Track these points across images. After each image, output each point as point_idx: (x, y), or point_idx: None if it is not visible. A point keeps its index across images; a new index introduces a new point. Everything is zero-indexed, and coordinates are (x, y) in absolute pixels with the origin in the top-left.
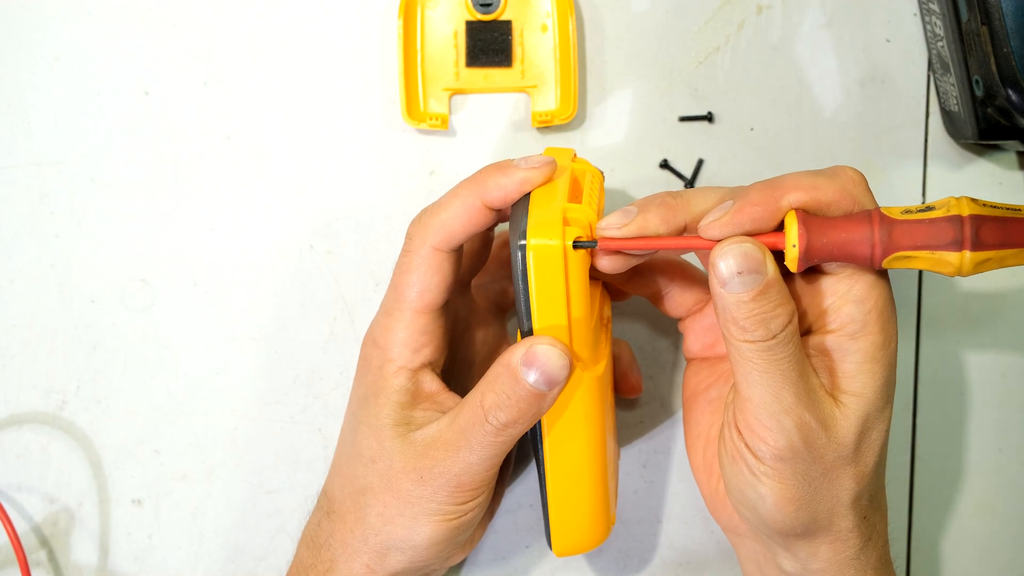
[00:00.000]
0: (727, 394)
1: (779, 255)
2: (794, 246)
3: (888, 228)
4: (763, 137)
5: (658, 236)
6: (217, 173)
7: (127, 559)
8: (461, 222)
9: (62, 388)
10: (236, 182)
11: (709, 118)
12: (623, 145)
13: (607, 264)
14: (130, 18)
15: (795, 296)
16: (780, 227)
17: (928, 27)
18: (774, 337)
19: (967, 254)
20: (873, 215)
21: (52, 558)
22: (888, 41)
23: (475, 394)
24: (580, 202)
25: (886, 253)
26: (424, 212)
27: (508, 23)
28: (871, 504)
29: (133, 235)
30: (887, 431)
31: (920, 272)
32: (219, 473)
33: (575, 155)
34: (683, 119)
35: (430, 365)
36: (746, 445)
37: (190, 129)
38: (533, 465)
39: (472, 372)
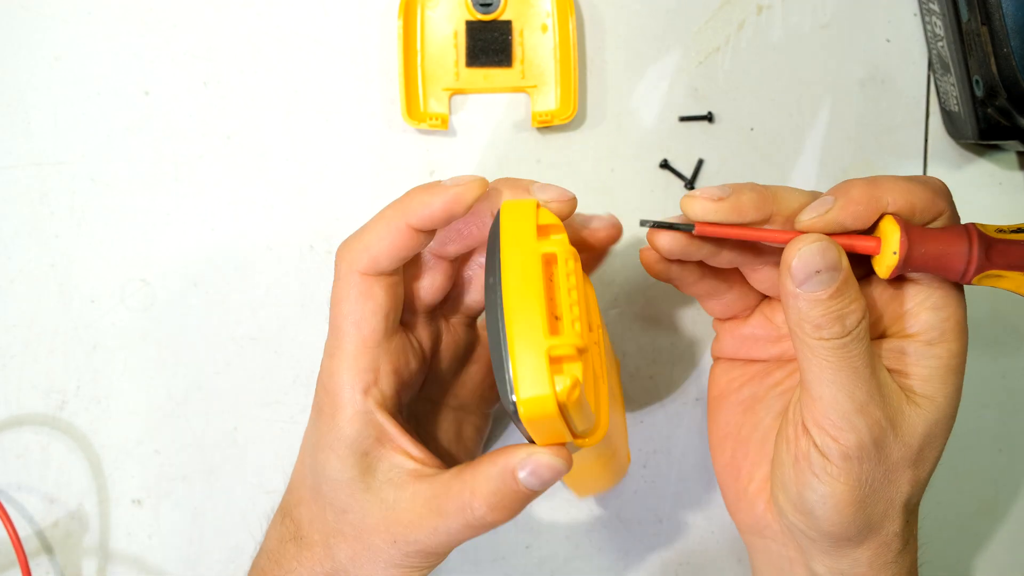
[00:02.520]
0: (765, 400)
1: (858, 257)
2: (895, 253)
3: (986, 246)
4: (763, 137)
5: (750, 226)
6: (217, 173)
7: (127, 559)
8: (386, 245)
9: (62, 388)
10: (236, 182)
11: (709, 118)
12: (623, 145)
13: (662, 253)
14: (130, 18)
15: (869, 298)
16: (871, 230)
17: (928, 27)
18: (849, 334)
19: None
20: (971, 230)
21: (52, 558)
22: (888, 41)
23: (463, 484)
24: (560, 314)
25: (980, 270)
26: (349, 237)
27: (508, 23)
28: (914, 510)
29: (133, 235)
30: (945, 444)
31: None
32: (219, 473)
33: (538, 206)
34: (683, 119)
35: (383, 405)
36: (813, 444)
37: (190, 129)
38: None
39: (445, 391)
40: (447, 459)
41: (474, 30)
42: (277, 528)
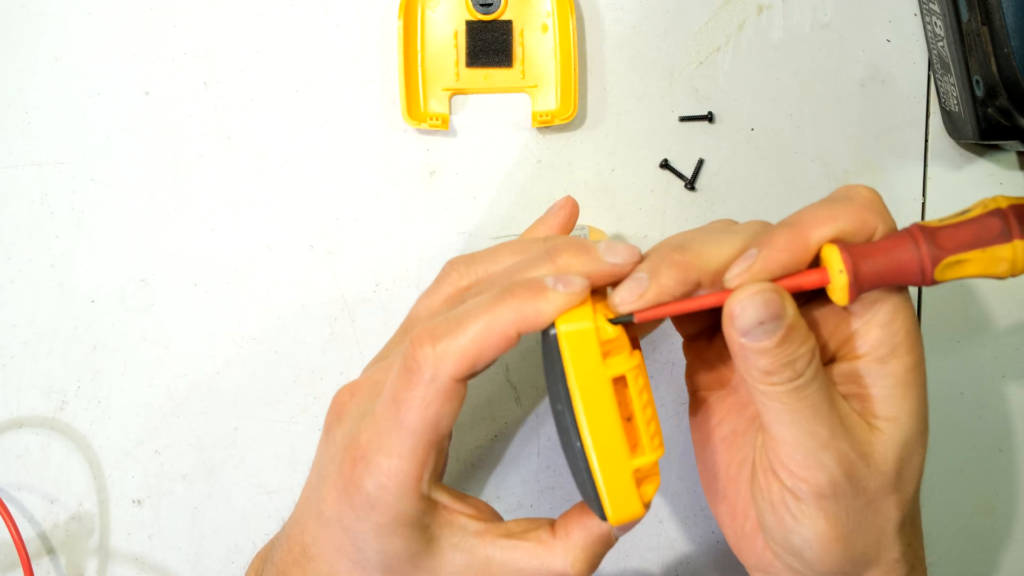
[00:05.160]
0: (747, 434)
1: (809, 291)
2: (841, 271)
3: (931, 237)
4: (763, 137)
5: (678, 301)
6: (217, 173)
7: (127, 559)
8: (492, 351)
9: (62, 388)
10: (236, 182)
11: (709, 118)
12: (623, 145)
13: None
14: (130, 18)
15: (815, 325)
16: (814, 263)
17: (928, 27)
18: (801, 376)
19: (1018, 243)
20: (912, 230)
21: (52, 558)
22: (888, 41)
23: (549, 550)
24: (637, 433)
25: (936, 261)
26: (437, 333)
27: (508, 23)
28: (912, 529)
29: (133, 235)
30: (925, 455)
31: None
32: (219, 473)
33: (596, 326)
34: (683, 119)
35: (435, 480)
36: (785, 488)
37: (190, 129)
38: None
39: None
40: None
41: (474, 30)
42: (283, 552)
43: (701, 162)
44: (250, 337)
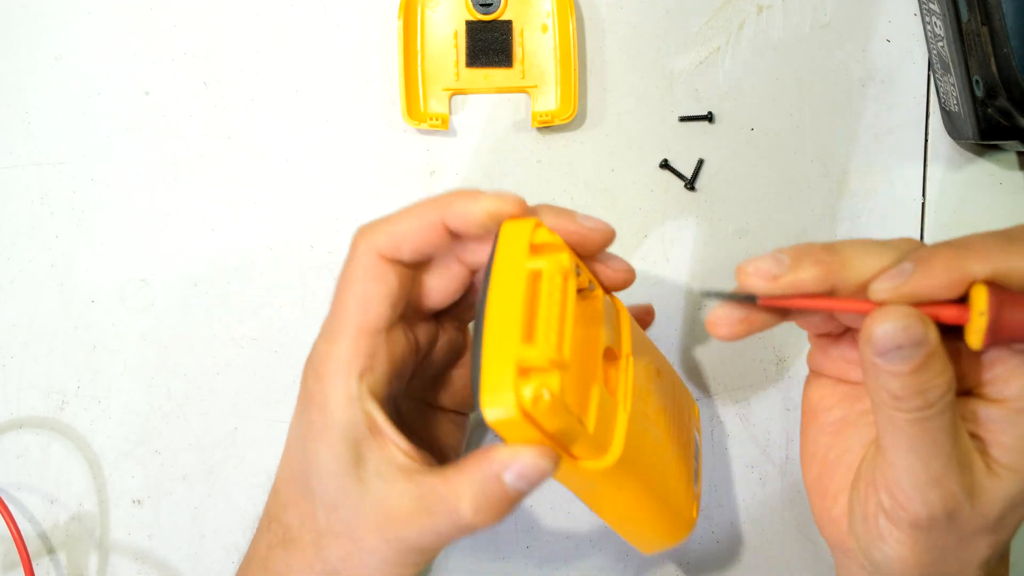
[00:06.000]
0: (857, 426)
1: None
2: (982, 314)
3: None
4: (763, 137)
5: (816, 296)
6: (217, 173)
7: (127, 559)
8: (414, 235)
9: (62, 388)
10: (236, 182)
11: (709, 118)
12: (623, 145)
13: (726, 331)
14: (130, 18)
15: (956, 357)
16: (962, 299)
17: (928, 27)
18: (931, 407)
19: None
20: None
21: (53, 558)
22: (888, 41)
23: (449, 486)
24: (536, 327)
25: None
26: (374, 220)
27: (508, 23)
28: (1000, 562)
29: (133, 235)
30: None
31: None
32: (219, 473)
33: (537, 225)
34: (683, 119)
35: (375, 394)
36: (882, 508)
37: (190, 129)
38: None
39: (429, 391)
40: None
41: (474, 30)
42: (264, 535)
43: (701, 162)
44: (250, 337)
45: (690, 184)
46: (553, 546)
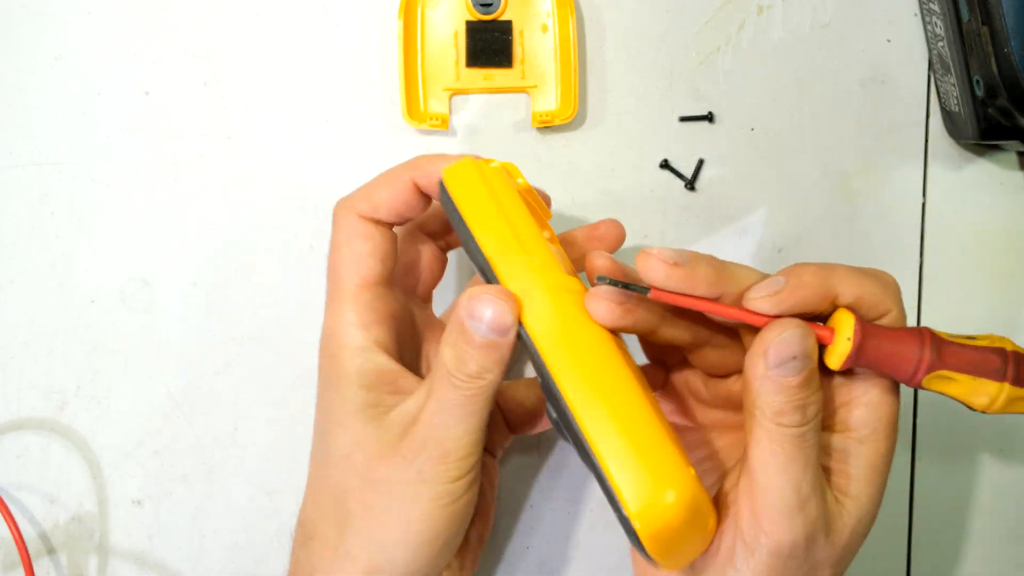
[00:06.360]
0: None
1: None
2: (848, 339)
3: (937, 345)
4: (763, 137)
5: (704, 298)
6: (217, 173)
7: (127, 559)
8: (387, 195)
9: (62, 388)
10: (236, 182)
11: (709, 118)
12: (623, 145)
13: (603, 310)
14: (130, 18)
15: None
16: (822, 319)
17: (928, 27)
18: (808, 423)
19: (1006, 386)
20: (924, 332)
21: (53, 558)
22: (888, 41)
23: (438, 355)
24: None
25: (931, 369)
26: (349, 193)
27: (508, 23)
28: None
29: (133, 235)
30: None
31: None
32: (219, 473)
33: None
34: (683, 119)
35: (383, 346)
36: (741, 537)
37: (190, 129)
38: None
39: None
40: None
41: (474, 30)
42: (292, 551)
43: (701, 162)
44: (250, 337)
45: (690, 184)
46: (553, 546)
